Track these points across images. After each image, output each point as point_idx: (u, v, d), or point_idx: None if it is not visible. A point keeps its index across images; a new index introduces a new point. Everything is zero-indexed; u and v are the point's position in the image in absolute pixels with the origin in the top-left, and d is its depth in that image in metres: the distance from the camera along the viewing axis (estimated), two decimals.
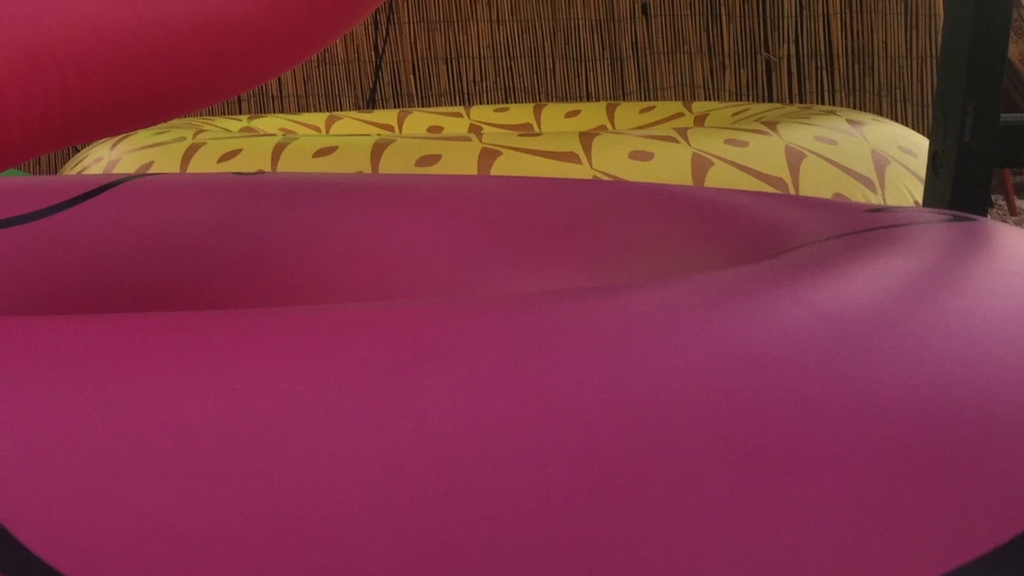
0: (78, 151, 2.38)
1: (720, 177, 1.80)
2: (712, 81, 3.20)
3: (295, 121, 2.86)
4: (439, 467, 0.38)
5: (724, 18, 3.18)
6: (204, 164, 1.97)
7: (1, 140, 0.75)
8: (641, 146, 1.88)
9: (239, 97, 3.26)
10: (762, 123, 2.07)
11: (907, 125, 2.74)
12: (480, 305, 0.50)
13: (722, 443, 0.40)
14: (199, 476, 0.37)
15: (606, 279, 0.97)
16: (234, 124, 2.67)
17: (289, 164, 1.93)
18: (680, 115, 2.72)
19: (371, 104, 3.32)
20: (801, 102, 3.10)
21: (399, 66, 3.33)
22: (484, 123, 2.94)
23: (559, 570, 0.36)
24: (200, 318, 0.46)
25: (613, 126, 2.79)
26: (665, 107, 2.81)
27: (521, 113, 2.97)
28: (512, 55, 3.32)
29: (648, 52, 3.23)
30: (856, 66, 3.12)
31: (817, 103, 3.09)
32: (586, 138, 1.92)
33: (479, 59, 3.33)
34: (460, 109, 3.03)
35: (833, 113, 2.25)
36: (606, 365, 0.43)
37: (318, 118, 2.91)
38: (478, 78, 3.34)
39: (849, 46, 3.12)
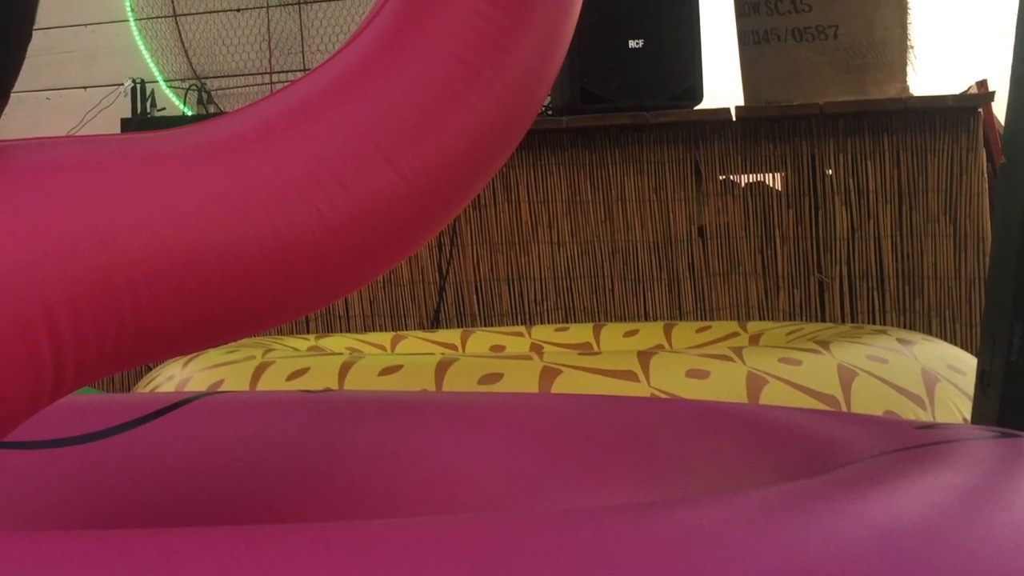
0: (151, 369, 2.42)
1: (774, 395, 1.81)
2: (767, 301, 3.23)
3: (361, 340, 2.89)
4: None
5: (778, 240, 3.23)
6: (273, 382, 1.99)
7: (76, 358, 0.77)
8: (698, 365, 1.89)
9: (307, 317, 3.31)
10: (815, 342, 2.08)
11: (956, 344, 2.73)
12: (541, 519, 0.51)
13: None
14: None
15: (664, 494, 0.98)
16: (302, 343, 2.70)
17: (356, 382, 1.94)
18: (735, 334, 2.73)
19: (435, 324, 3.36)
20: (853, 322, 3.11)
21: (462, 287, 3.39)
22: (545, 342, 2.96)
23: None
24: (269, 532, 0.48)
25: (670, 345, 2.81)
26: (721, 327, 2.82)
27: (581, 332, 2.99)
28: (572, 276, 3.36)
29: (704, 273, 3.27)
30: (907, 287, 3.14)
31: (869, 323, 3.10)
32: (644, 357, 1.93)
33: (540, 280, 3.38)
34: (522, 329, 3.06)
35: (884, 333, 2.26)
36: None
37: (384, 337, 2.94)
38: (539, 298, 3.38)
39: (900, 268, 3.15)
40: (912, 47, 3.28)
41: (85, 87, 4.57)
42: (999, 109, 3.15)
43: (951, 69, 3.52)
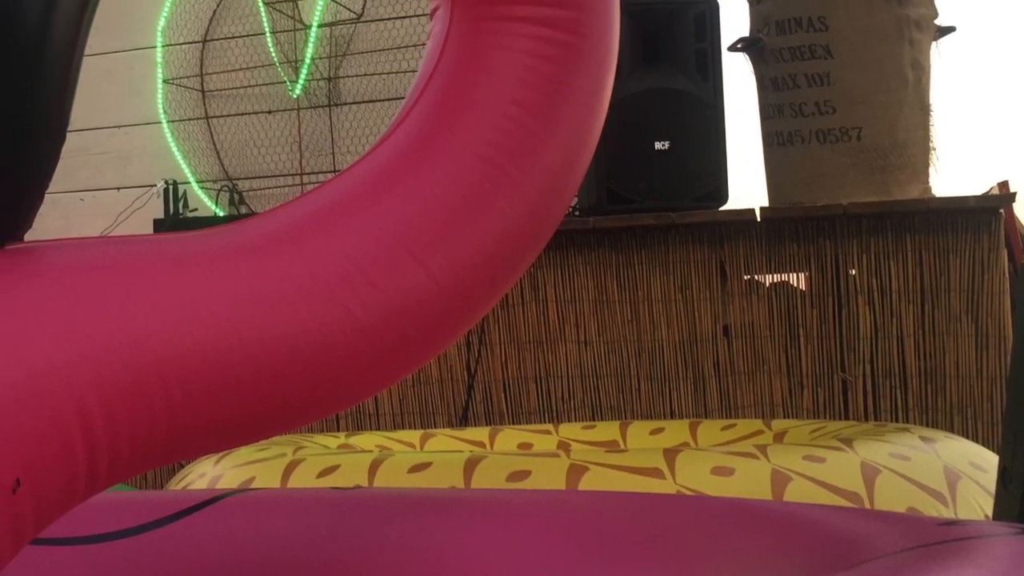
0: (183, 466, 2.44)
1: (798, 492, 1.81)
2: (791, 399, 3.23)
3: (391, 438, 2.89)
4: None
5: (802, 339, 3.24)
6: (304, 479, 1.99)
7: (110, 456, 0.78)
8: (723, 462, 1.89)
9: (337, 415, 3.33)
10: (839, 440, 2.08)
11: (978, 442, 2.73)
12: None
13: None
14: None
15: None
16: (332, 441, 2.70)
17: (385, 479, 1.94)
18: (760, 432, 2.73)
19: (463, 422, 3.37)
20: (876, 420, 3.10)
21: (490, 385, 3.40)
22: (572, 440, 2.96)
23: None
24: None
25: (696, 443, 2.80)
26: (745, 425, 2.82)
27: (608, 430, 2.99)
28: (599, 375, 3.37)
29: (729, 372, 3.27)
30: (929, 386, 3.14)
31: (892, 421, 3.09)
32: (670, 454, 1.93)
33: (567, 379, 3.38)
34: (549, 426, 3.06)
35: (907, 430, 2.25)
36: None
37: (413, 435, 2.95)
38: (566, 396, 3.39)
39: (922, 367, 3.15)
40: (934, 149, 3.31)
41: (118, 188, 4.64)
42: (1020, 210, 3.17)
43: (973, 170, 3.54)
